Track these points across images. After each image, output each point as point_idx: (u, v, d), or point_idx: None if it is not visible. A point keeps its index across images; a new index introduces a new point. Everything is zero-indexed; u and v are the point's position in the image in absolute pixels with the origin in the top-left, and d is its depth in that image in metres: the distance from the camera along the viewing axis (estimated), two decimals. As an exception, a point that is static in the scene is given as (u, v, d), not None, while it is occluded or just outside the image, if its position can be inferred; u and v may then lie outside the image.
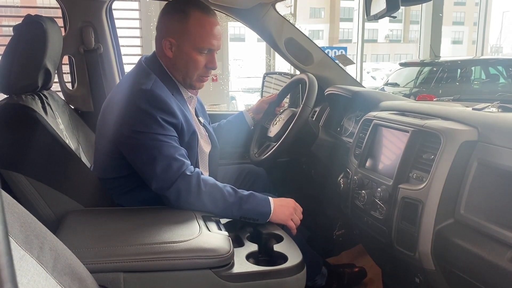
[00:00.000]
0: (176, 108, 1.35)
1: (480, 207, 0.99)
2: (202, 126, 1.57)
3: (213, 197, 1.28)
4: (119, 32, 2.16)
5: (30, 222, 0.70)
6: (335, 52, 8.64)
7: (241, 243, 1.21)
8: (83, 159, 1.61)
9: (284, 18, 2.04)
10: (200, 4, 1.41)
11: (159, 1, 1.74)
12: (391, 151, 1.30)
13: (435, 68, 7.11)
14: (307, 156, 1.81)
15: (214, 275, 1.03)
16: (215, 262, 1.03)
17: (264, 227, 1.32)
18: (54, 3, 2.00)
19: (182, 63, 1.41)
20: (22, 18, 1.45)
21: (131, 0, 4.93)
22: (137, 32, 5.14)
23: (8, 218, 0.64)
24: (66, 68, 2.07)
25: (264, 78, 2.48)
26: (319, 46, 2.11)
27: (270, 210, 1.32)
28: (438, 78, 6.92)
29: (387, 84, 7.92)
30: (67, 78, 2.08)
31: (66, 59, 2.03)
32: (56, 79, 1.84)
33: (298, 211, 1.40)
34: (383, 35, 37.05)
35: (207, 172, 1.56)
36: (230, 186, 1.33)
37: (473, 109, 1.27)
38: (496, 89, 6.89)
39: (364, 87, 2.05)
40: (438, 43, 11.91)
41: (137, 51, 5.14)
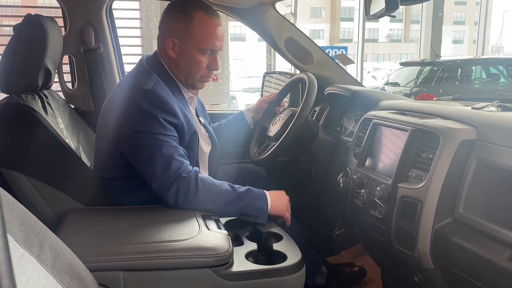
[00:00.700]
0: (177, 108, 1.35)
1: (479, 206, 0.99)
2: (202, 126, 1.57)
3: (211, 195, 1.29)
4: (120, 32, 2.17)
5: (30, 220, 0.70)
6: (335, 52, 8.64)
7: (240, 242, 1.22)
8: (83, 159, 1.61)
9: (284, 18, 2.04)
10: (203, 5, 1.41)
11: (161, 0, 1.74)
12: (390, 150, 1.30)
13: (435, 68, 7.11)
14: (307, 156, 1.81)
15: (214, 274, 1.03)
16: (214, 261, 1.03)
17: (264, 225, 1.32)
18: (54, 3, 2.00)
19: (185, 63, 1.41)
20: (23, 18, 1.45)
21: (132, -1, 4.93)
22: (137, 32, 5.15)
23: (8, 217, 0.64)
24: (66, 68, 2.07)
25: (264, 77, 2.47)
26: (319, 45, 2.11)
27: (267, 204, 1.33)
28: (438, 77, 6.91)
29: (387, 83, 7.91)
30: (67, 77, 2.08)
31: (66, 59, 2.04)
32: (57, 79, 1.84)
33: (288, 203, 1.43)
34: (383, 34, 37.02)
35: (207, 172, 1.56)
36: (227, 183, 1.33)
37: (472, 108, 1.27)
38: (497, 88, 6.88)
39: (364, 86, 2.05)
40: (438, 42, 11.91)
41: (137, 50, 5.15)
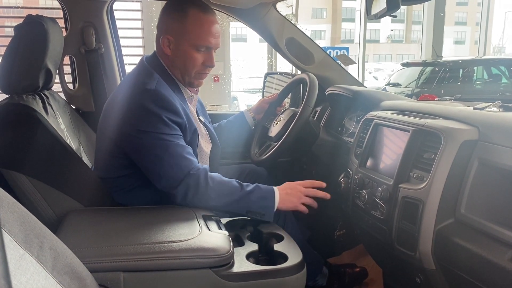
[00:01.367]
0: (180, 107, 1.36)
1: (481, 207, 0.99)
2: (202, 125, 1.57)
3: (220, 193, 1.29)
4: (121, 32, 2.17)
5: (30, 221, 0.70)
6: (336, 52, 8.64)
7: (241, 243, 1.21)
8: (84, 159, 1.61)
9: (285, 18, 2.03)
10: (198, 2, 1.42)
11: (160, 0, 1.74)
12: (391, 151, 1.30)
13: (437, 68, 7.10)
14: (308, 156, 1.80)
15: (214, 275, 1.03)
16: (215, 261, 1.03)
17: (264, 226, 1.32)
18: (56, 4, 2.00)
19: (180, 60, 1.42)
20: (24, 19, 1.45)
21: (132, 0, 4.94)
22: (139, 33, 5.16)
23: (8, 218, 0.64)
24: (67, 69, 2.08)
25: (265, 78, 2.47)
26: (320, 46, 2.10)
27: (274, 202, 1.32)
28: (440, 78, 6.90)
29: (389, 84, 7.90)
30: (68, 78, 2.09)
31: (67, 59, 2.04)
32: (57, 79, 1.84)
33: (307, 192, 1.39)
34: (385, 35, 36.99)
35: (208, 171, 1.55)
36: (236, 181, 1.34)
37: (474, 108, 1.26)
38: (499, 89, 6.87)
39: (365, 87, 2.05)
40: (440, 43, 11.89)
41: (139, 51, 5.16)
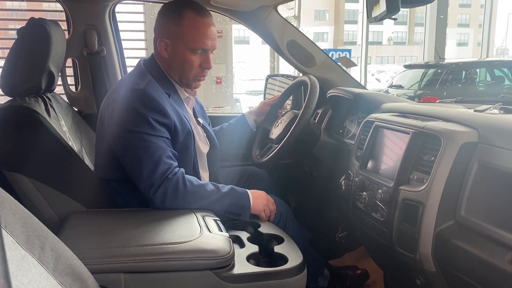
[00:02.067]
0: (170, 108, 1.36)
1: (481, 209, 0.99)
2: (200, 127, 1.58)
3: (197, 196, 1.31)
4: (124, 35, 2.18)
5: (31, 222, 0.70)
6: (339, 55, 8.65)
7: (242, 244, 1.22)
8: (86, 161, 1.62)
9: (286, 21, 2.04)
10: (194, 5, 1.42)
11: (157, 3, 1.75)
12: (392, 153, 1.30)
13: (439, 70, 7.09)
14: (309, 158, 1.81)
15: (215, 276, 1.04)
16: (215, 263, 1.03)
17: (265, 228, 1.32)
18: (59, 7, 2.01)
19: (177, 63, 1.43)
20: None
21: (134, 3, 4.95)
22: (142, 35, 5.18)
23: (10, 219, 0.65)
24: (70, 71, 2.09)
25: (266, 80, 2.48)
26: (321, 48, 2.11)
27: (250, 202, 1.37)
28: (442, 80, 6.89)
29: (391, 86, 7.89)
30: (70, 80, 2.10)
31: (70, 62, 2.05)
32: (60, 82, 1.85)
33: (270, 203, 1.44)
34: (387, 37, 36.96)
35: (207, 172, 1.56)
36: (211, 183, 1.36)
37: (474, 110, 1.26)
38: (501, 91, 6.85)
39: (366, 89, 2.05)
40: (442, 45, 11.89)
41: (142, 54, 5.17)
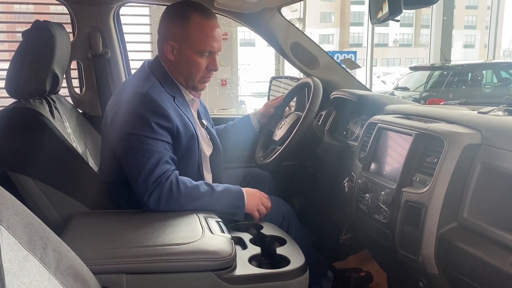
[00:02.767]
0: (173, 111, 1.36)
1: (484, 211, 0.98)
2: (204, 129, 1.58)
3: (192, 199, 1.30)
4: (130, 37, 2.18)
5: (34, 223, 0.71)
6: (344, 57, 8.63)
7: (244, 246, 1.22)
8: (90, 163, 1.63)
9: (290, 23, 2.04)
10: (200, 7, 1.42)
11: (162, 5, 1.75)
12: (395, 155, 1.30)
13: (445, 72, 7.06)
14: (313, 160, 1.81)
15: (216, 278, 1.04)
16: (217, 264, 1.03)
17: (268, 230, 1.32)
18: (64, 9, 2.03)
19: (184, 66, 1.43)
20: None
21: (139, 5, 4.97)
22: (147, 38, 5.19)
23: (12, 220, 0.65)
24: (74, 73, 2.10)
25: (270, 82, 2.48)
26: (325, 50, 2.11)
27: (244, 202, 1.37)
28: (448, 82, 6.87)
29: (397, 88, 7.88)
30: (75, 82, 2.11)
31: (74, 64, 2.06)
32: (65, 84, 1.86)
33: (265, 201, 1.44)
34: (393, 39, 36.87)
35: (210, 174, 1.56)
36: (205, 183, 1.35)
37: (478, 112, 1.26)
38: (508, 92, 6.81)
39: (370, 90, 2.05)
40: (448, 47, 11.84)
41: (147, 56, 5.19)
